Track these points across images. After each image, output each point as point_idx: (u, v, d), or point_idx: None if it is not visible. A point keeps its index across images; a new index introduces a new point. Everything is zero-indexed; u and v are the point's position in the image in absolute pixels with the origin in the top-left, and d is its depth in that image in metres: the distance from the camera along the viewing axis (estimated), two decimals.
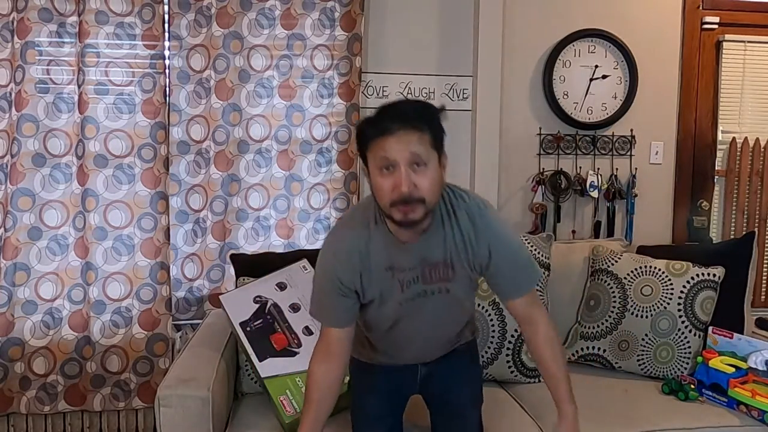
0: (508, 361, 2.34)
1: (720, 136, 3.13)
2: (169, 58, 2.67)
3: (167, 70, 2.67)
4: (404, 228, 1.47)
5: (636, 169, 3.02)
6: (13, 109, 2.54)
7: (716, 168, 3.14)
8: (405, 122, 1.40)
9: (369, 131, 1.43)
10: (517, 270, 1.61)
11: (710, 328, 2.35)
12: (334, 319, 1.62)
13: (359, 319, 1.68)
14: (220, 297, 2.22)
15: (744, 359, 2.20)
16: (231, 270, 2.55)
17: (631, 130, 3.02)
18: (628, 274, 2.46)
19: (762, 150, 3.13)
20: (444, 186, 1.53)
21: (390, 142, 1.39)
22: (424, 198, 1.41)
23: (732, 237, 3.14)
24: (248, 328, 2.11)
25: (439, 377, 1.79)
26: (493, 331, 2.35)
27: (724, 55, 3.07)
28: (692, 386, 2.21)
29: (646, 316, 2.39)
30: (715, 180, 3.15)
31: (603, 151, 3.01)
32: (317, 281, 1.64)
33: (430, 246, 1.55)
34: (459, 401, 1.80)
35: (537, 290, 2.39)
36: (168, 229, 2.69)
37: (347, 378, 1.84)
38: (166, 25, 2.64)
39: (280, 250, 2.75)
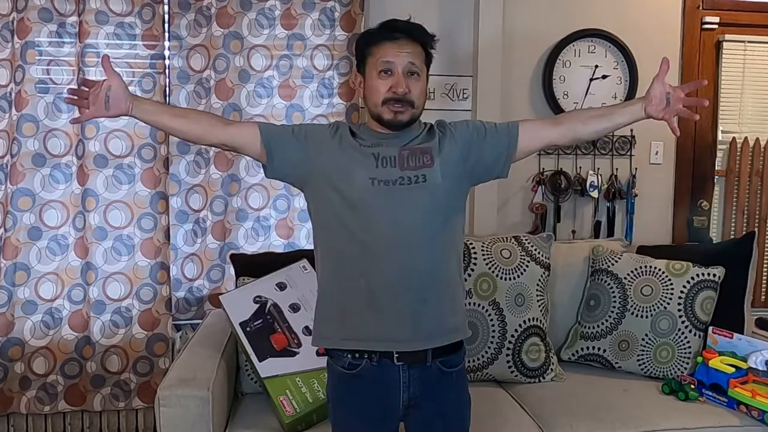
0: (508, 361, 2.34)
1: (720, 136, 3.12)
2: (169, 58, 2.67)
3: (167, 70, 2.67)
4: (390, 129, 1.60)
5: (636, 169, 3.01)
6: (13, 109, 2.54)
7: (716, 168, 3.14)
8: (408, 33, 1.58)
9: (376, 34, 1.60)
10: (496, 124, 1.71)
11: (710, 328, 2.35)
12: (269, 130, 1.64)
13: (338, 238, 1.58)
14: (220, 297, 2.23)
15: (744, 359, 2.20)
16: (231, 270, 2.55)
17: (631, 130, 3.01)
18: (628, 274, 2.46)
19: (762, 150, 3.13)
20: None
21: (393, 49, 1.56)
22: (414, 101, 1.58)
23: (732, 237, 3.14)
24: (248, 328, 2.11)
25: (425, 404, 1.59)
26: (493, 331, 2.35)
27: (724, 55, 3.07)
28: (692, 386, 2.21)
29: (646, 316, 2.39)
30: (715, 180, 3.15)
31: (603, 151, 3.01)
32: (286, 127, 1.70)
33: (410, 134, 1.62)
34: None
35: (537, 291, 2.42)
36: (168, 229, 2.69)
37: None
38: (166, 25, 2.64)
39: (280, 250, 2.75)
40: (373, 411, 1.58)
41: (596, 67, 2.97)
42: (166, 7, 2.63)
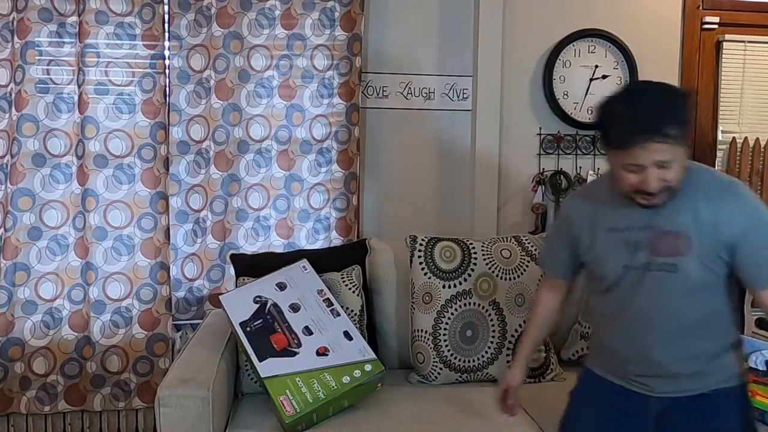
0: (508, 361, 2.34)
1: (720, 136, 3.13)
2: (169, 58, 2.67)
3: (167, 70, 2.67)
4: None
5: None
6: (13, 109, 2.54)
7: (716, 168, 3.14)
8: (652, 134, 1.36)
9: (613, 139, 1.43)
10: None
11: None
12: (552, 266, 1.81)
13: (592, 295, 1.72)
14: (220, 297, 2.23)
15: (744, 359, 2.20)
16: (231, 270, 2.55)
17: None
18: None
19: (762, 150, 3.13)
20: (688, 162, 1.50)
21: (636, 152, 1.39)
22: (670, 186, 1.44)
23: None
24: (248, 328, 2.11)
25: (679, 424, 1.57)
26: (493, 331, 2.35)
27: (724, 55, 3.07)
28: None
29: None
30: None
31: (603, 151, 3.01)
32: (550, 228, 1.85)
33: (666, 213, 1.49)
34: None
35: (537, 290, 2.41)
36: (168, 229, 2.69)
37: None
38: (166, 25, 2.64)
39: (280, 250, 2.75)
40: (613, 403, 1.65)
41: (596, 67, 2.98)
42: (166, 7, 2.63)
